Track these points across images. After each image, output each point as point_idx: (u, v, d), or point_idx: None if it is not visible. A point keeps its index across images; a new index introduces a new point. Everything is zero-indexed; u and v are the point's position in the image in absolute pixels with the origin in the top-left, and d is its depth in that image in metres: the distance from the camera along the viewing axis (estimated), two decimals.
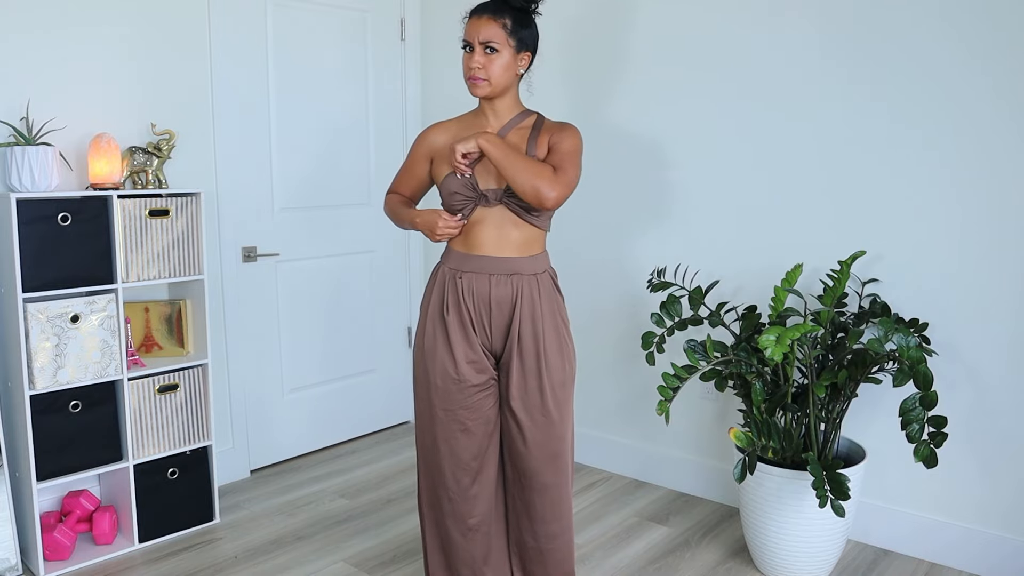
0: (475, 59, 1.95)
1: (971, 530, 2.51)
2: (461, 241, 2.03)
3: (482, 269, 1.98)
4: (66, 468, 2.56)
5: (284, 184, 3.39)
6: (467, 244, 2.01)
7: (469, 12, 2.00)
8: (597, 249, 3.31)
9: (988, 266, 2.41)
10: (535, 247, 2.03)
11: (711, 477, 3.07)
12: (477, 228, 2.00)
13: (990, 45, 2.34)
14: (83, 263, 2.53)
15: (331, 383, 3.67)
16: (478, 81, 1.96)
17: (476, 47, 1.95)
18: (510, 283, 1.98)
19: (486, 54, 1.94)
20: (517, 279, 1.99)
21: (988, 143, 2.38)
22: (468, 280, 1.99)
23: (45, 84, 2.66)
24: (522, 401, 2.00)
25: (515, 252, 1.99)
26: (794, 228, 2.77)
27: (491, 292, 1.98)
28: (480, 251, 1.99)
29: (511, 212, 1.98)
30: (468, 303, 1.98)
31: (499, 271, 1.98)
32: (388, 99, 3.77)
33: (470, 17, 1.98)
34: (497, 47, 1.94)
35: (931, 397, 2.10)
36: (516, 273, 1.99)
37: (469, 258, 2.00)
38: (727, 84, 2.87)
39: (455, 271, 2.01)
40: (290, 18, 3.34)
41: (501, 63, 1.95)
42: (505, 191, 1.97)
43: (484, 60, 1.94)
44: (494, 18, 1.95)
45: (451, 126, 2.09)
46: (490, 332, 2.00)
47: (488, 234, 1.99)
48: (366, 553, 2.69)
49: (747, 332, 2.59)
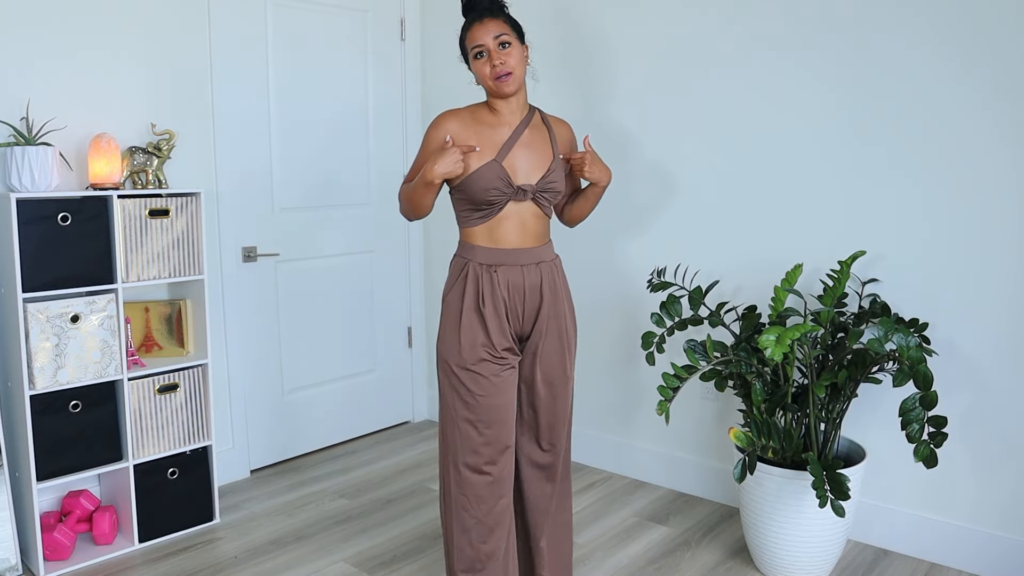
0: (496, 57, 1.98)
1: (971, 530, 2.50)
2: (487, 236, 2.06)
3: (515, 261, 2.05)
4: (66, 468, 2.56)
5: (284, 184, 3.39)
6: (494, 239, 2.06)
7: (466, 24, 2.04)
8: (597, 249, 3.31)
9: (988, 266, 2.41)
10: (547, 235, 2.14)
11: (711, 477, 3.07)
12: (505, 223, 2.05)
13: (990, 46, 2.34)
14: (83, 263, 2.53)
15: (331, 383, 3.67)
16: (507, 77, 1.99)
17: (491, 47, 1.99)
18: (538, 271, 2.08)
19: (501, 50, 1.99)
20: (542, 266, 2.09)
21: (988, 143, 2.37)
22: (504, 273, 2.04)
23: (45, 84, 2.66)
24: (550, 369, 2.12)
25: (535, 243, 2.09)
26: (794, 228, 2.77)
27: (524, 282, 2.06)
28: (508, 245, 2.06)
29: (537, 206, 2.07)
30: (504, 294, 2.04)
31: (528, 261, 2.07)
32: (388, 99, 3.77)
33: (472, 25, 2.02)
34: (509, 40, 2.00)
35: (931, 397, 2.10)
36: (541, 261, 2.09)
37: (498, 252, 2.05)
38: (728, 83, 2.87)
39: (488, 266, 2.05)
40: (290, 18, 3.34)
41: (517, 55, 2.01)
42: (537, 185, 2.05)
43: (502, 56, 1.98)
44: (495, 17, 2.01)
45: (465, 116, 2.09)
46: (522, 318, 2.08)
47: (514, 228, 2.06)
48: (366, 553, 2.69)
49: (747, 332, 2.59)
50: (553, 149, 2.09)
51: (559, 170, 2.08)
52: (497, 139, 2.04)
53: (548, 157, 2.08)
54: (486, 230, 2.06)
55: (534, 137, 2.08)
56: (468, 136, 2.04)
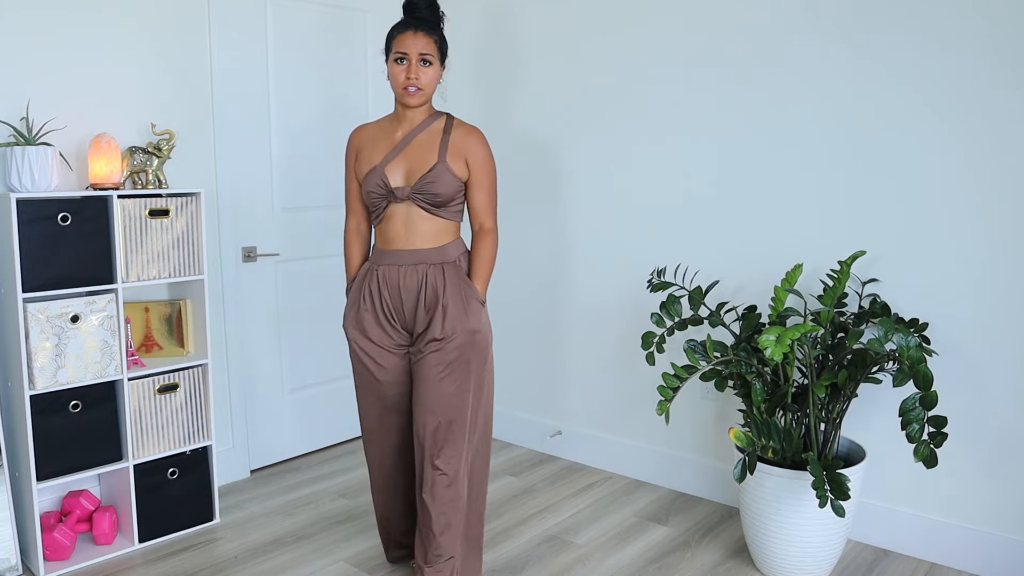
0: (412, 71, 2.15)
1: (971, 530, 2.51)
2: (380, 236, 2.27)
3: (394, 261, 2.23)
4: (66, 468, 2.56)
5: (284, 184, 3.39)
6: (384, 239, 2.26)
7: (400, 26, 2.18)
8: (597, 249, 3.31)
9: (988, 266, 2.41)
10: (444, 238, 2.24)
11: (711, 477, 3.07)
12: (390, 223, 2.23)
13: (991, 46, 2.34)
14: (83, 263, 2.52)
15: (331, 383, 3.67)
16: (416, 92, 2.17)
17: (413, 60, 2.15)
18: (417, 273, 2.21)
19: (421, 67, 2.16)
20: (423, 268, 2.21)
21: (988, 143, 2.37)
22: (383, 272, 2.24)
23: (45, 84, 2.66)
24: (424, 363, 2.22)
25: (424, 244, 2.22)
26: (794, 228, 2.77)
27: (401, 282, 2.22)
28: (394, 246, 2.23)
29: (419, 208, 2.21)
30: (386, 292, 2.24)
31: (408, 262, 2.22)
32: (388, 99, 3.76)
33: (404, 31, 2.16)
34: (431, 60, 2.18)
35: (931, 397, 2.10)
36: (421, 263, 2.21)
37: (384, 252, 2.25)
38: (728, 83, 2.87)
39: (374, 265, 2.27)
40: (290, 18, 3.34)
41: (433, 74, 2.19)
42: (413, 188, 2.18)
43: (419, 72, 2.16)
44: (429, 34, 2.17)
45: (371, 128, 2.31)
46: (404, 313, 2.24)
47: (399, 229, 2.22)
48: (366, 553, 2.69)
49: (747, 332, 2.59)
50: (440, 153, 2.19)
51: (443, 174, 2.18)
52: (389, 144, 2.24)
53: (431, 161, 2.19)
54: (379, 231, 2.27)
55: (424, 141, 2.22)
56: (365, 146, 2.28)
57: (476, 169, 2.23)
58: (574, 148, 3.32)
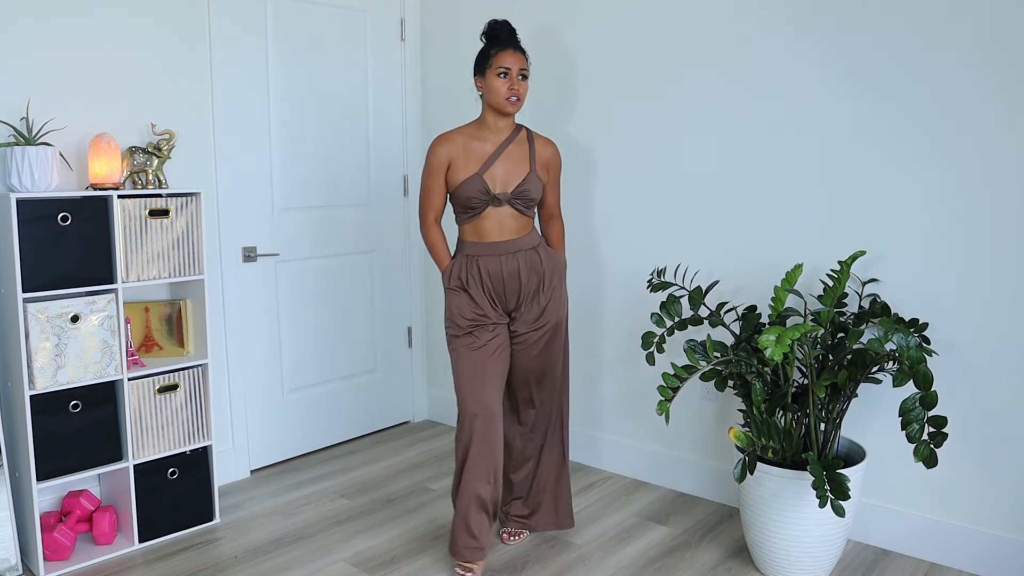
0: (513, 84, 2.43)
1: (971, 530, 2.51)
2: (472, 232, 2.51)
3: (494, 252, 2.49)
4: (66, 468, 2.56)
5: (284, 184, 3.40)
6: (478, 234, 2.51)
7: (499, 44, 2.44)
8: (597, 249, 3.31)
9: (988, 266, 2.41)
10: (527, 227, 2.55)
11: (711, 477, 3.07)
12: (486, 221, 2.49)
13: (989, 47, 2.34)
14: (83, 263, 2.53)
15: (331, 383, 3.68)
16: (517, 102, 2.45)
17: (514, 74, 2.43)
18: (515, 259, 2.50)
19: (521, 80, 2.44)
20: (520, 255, 2.51)
21: (988, 143, 2.37)
22: (484, 262, 2.49)
23: (45, 84, 2.66)
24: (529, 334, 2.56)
25: (513, 235, 2.51)
26: (794, 228, 2.77)
27: (503, 268, 2.49)
28: (489, 239, 2.50)
29: (511, 208, 2.50)
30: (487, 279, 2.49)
31: (506, 251, 2.49)
32: (388, 99, 3.77)
33: (502, 49, 2.43)
34: (527, 74, 2.47)
35: (931, 397, 2.10)
36: (519, 250, 2.51)
37: (480, 245, 2.50)
38: (727, 84, 2.87)
39: (472, 256, 2.50)
40: (290, 18, 3.34)
41: (527, 88, 2.48)
42: (512, 194, 2.46)
43: (518, 84, 2.44)
44: (522, 53, 2.47)
45: (454, 137, 2.50)
46: (505, 296, 2.51)
47: (493, 225, 2.49)
48: (366, 553, 2.69)
49: (747, 332, 2.59)
50: (531, 163, 2.50)
51: (535, 181, 2.50)
52: (482, 154, 2.47)
53: (525, 170, 2.49)
54: (471, 227, 2.52)
55: (515, 152, 2.50)
56: (458, 154, 2.47)
57: (553, 174, 2.62)
58: (574, 148, 3.32)
